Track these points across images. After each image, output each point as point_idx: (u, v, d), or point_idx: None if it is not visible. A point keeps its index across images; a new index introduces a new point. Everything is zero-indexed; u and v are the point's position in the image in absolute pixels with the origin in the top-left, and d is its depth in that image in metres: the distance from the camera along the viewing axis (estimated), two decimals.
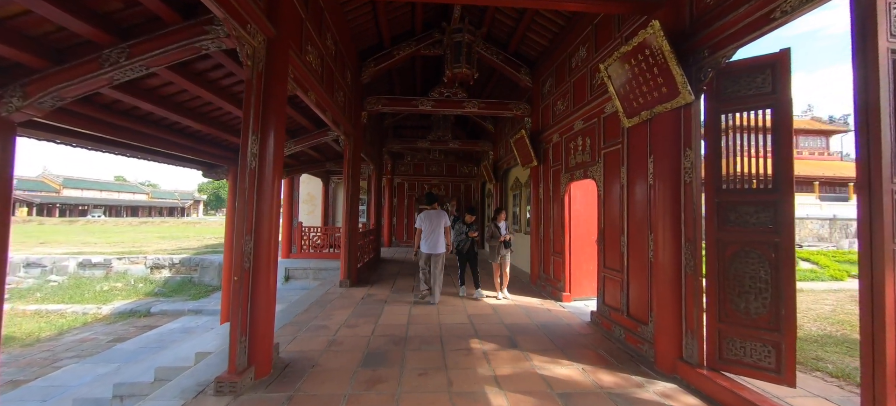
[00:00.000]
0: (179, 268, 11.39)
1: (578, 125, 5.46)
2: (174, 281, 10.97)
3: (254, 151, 2.96)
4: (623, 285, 4.21)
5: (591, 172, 5.04)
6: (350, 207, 6.89)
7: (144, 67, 3.08)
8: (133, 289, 10.30)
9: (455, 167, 14.97)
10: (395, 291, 6.36)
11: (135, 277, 11.02)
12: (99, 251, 12.16)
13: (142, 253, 11.79)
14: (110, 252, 11.90)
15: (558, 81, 6.32)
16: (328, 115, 5.22)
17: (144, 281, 10.93)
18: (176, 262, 11.45)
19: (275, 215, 3.20)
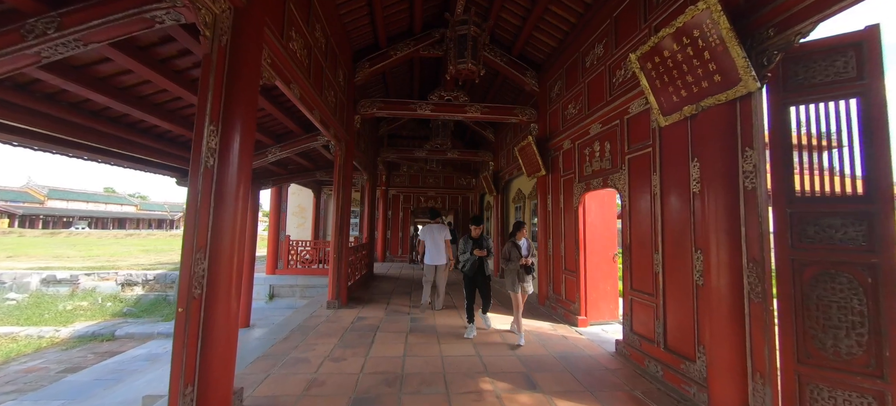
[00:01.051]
0: (153, 285, 10.53)
1: (595, 129, 4.91)
2: (147, 299, 10.09)
3: (211, 147, 2.33)
4: (657, 312, 3.59)
5: (613, 181, 4.47)
6: (340, 220, 6.24)
7: (81, 42, 2.47)
8: (99, 308, 9.42)
9: (453, 179, 14.41)
10: (390, 313, 5.67)
11: (103, 295, 10.14)
12: (67, 266, 11.28)
13: (115, 268, 10.94)
14: (80, 267, 11.03)
15: (569, 84, 5.81)
16: (316, 115, 4.62)
17: (114, 299, 10.05)
18: (150, 278, 10.59)
19: (241, 229, 2.56)
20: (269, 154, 6.41)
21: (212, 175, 2.33)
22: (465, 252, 4.83)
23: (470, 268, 4.80)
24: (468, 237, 4.92)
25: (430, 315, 5.60)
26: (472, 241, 4.86)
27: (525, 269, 4.40)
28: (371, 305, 6.23)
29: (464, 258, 4.85)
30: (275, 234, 10.07)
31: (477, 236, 4.88)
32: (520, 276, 4.40)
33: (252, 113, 2.69)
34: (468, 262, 4.82)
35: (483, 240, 4.88)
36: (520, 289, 4.43)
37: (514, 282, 4.43)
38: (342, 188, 6.27)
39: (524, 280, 4.43)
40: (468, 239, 4.90)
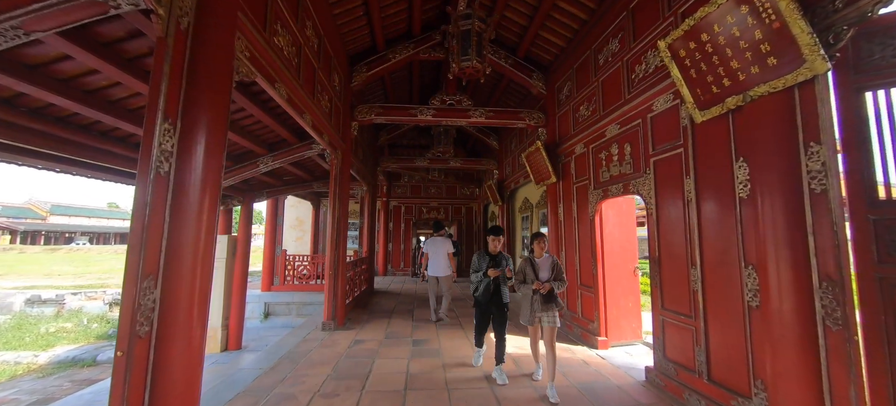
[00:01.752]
0: None
1: (612, 131, 4.49)
2: None
3: (166, 149, 1.92)
4: (697, 336, 3.11)
5: (635, 186, 4.03)
6: (337, 233, 5.80)
7: (22, 32, 2.08)
8: (84, 330, 8.95)
9: (455, 189, 13.99)
10: (390, 337, 5.18)
11: (89, 316, 9.68)
12: (53, 285, 10.84)
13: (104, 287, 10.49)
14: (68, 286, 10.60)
15: (580, 84, 5.42)
16: (307, 120, 4.23)
17: (100, 320, 9.58)
18: None
19: (208, 251, 2.14)
20: (260, 164, 6.02)
21: (166, 183, 1.91)
22: (479, 270, 3.78)
23: (483, 293, 3.72)
24: (484, 252, 3.86)
25: (435, 338, 5.12)
26: (488, 257, 3.80)
27: (542, 298, 3.36)
28: (370, 326, 5.75)
29: (476, 280, 3.78)
30: (271, 249, 9.63)
31: (496, 251, 3.82)
32: (534, 305, 3.41)
33: (222, 111, 2.28)
34: (481, 285, 3.75)
35: (501, 258, 3.78)
36: (535, 319, 3.44)
37: (529, 312, 3.45)
38: (338, 199, 5.85)
39: (541, 311, 3.39)
40: (483, 255, 3.83)
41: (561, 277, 3.48)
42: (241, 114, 4.78)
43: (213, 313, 7.14)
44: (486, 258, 3.81)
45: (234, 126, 5.04)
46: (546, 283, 3.40)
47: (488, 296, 3.73)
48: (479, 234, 13.50)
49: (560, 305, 3.47)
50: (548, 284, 3.39)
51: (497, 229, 3.89)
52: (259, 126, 5.36)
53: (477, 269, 3.80)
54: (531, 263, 3.56)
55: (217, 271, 6.91)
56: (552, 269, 3.50)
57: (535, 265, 3.55)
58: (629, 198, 5.11)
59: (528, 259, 3.62)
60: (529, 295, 3.45)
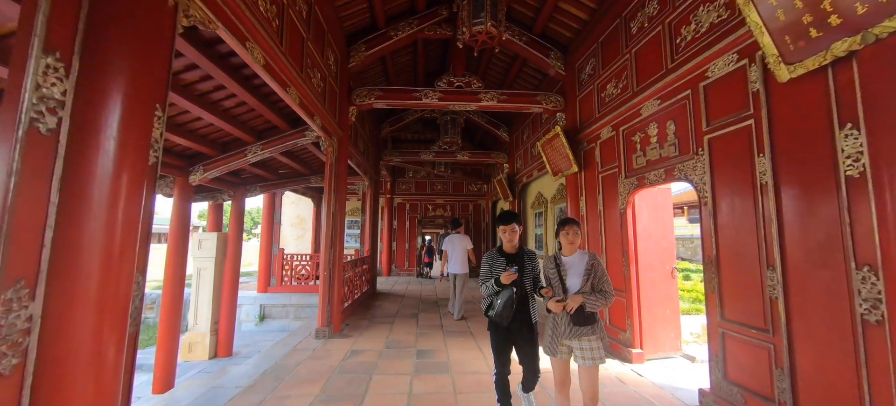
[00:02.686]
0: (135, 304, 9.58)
1: (650, 108, 3.83)
2: None
3: (52, 95, 1.31)
4: (776, 356, 2.45)
5: (682, 171, 3.36)
6: (332, 230, 5.20)
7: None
8: None
9: (462, 185, 13.35)
10: (392, 346, 4.58)
11: None
12: None
13: None
14: None
15: (607, 59, 4.76)
16: (293, 95, 3.63)
17: None
18: None
19: (127, 251, 1.54)
20: (248, 153, 5.45)
21: (53, 147, 1.31)
22: (490, 277, 2.47)
23: (501, 310, 2.33)
24: (495, 252, 2.57)
25: (443, 348, 4.50)
26: (502, 257, 2.51)
27: (573, 319, 2.22)
28: (369, 333, 5.15)
29: (487, 291, 2.46)
30: (267, 248, 9.09)
31: (513, 248, 2.55)
32: (559, 328, 2.29)
33: (156, 57, 1.69)
34: (498, 300, 2.37)
35: (524, 257, 2.51)
36: (562, 354, 2.33)
37: (553, 339, 2.32)
38: (334, 192, 5.26)
39: (569, 337, 2.25)
40: (495, 256, 2.54)
41: (603, 287, 2.28)
42: (222, 93, 4.21)
43: (202, 318, 6.62)
44: (499, 260, 2.50)
45: (216, 109, 4.47)
46: (576, 296, 2.20)
47: (509, 314, 2.34)
48: (487, 232, 12.85)
49: (603, 333, 2.27)
50: (578, 297, 2.19)
51: (509, 215, 2.55)
52: (244, 109, 4.78)
53: (487, 278, 2.48)
54: (556, 265, 2.37)
55: (206, 272, 6.37)
56: (588, 273, 2.28)
57: (561, 267, 2.35)
58: (665, 188, 4.45)
59: (552, 259, 2.43)
60: (558, 318, 2.32)
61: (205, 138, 5.14)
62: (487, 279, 2.49)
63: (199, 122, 4.71)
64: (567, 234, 2.40)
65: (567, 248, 2.43)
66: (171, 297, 5.11)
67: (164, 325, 5.08)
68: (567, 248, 2.43)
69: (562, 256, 2.43)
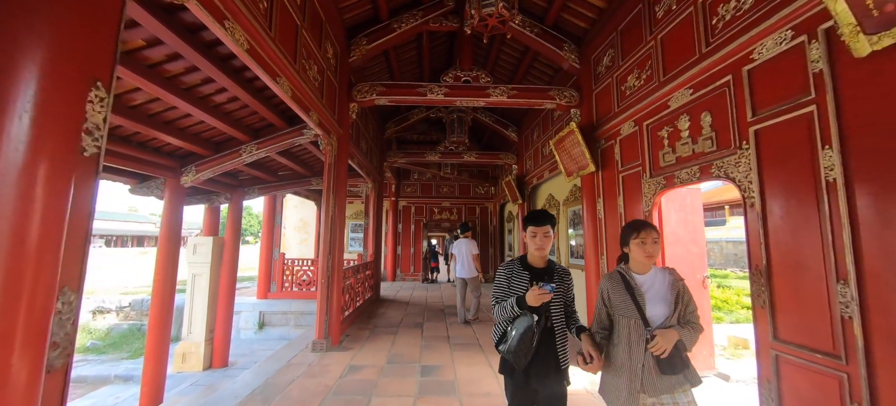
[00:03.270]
0: (129, 312, 9.36)
1: (679, 99, 3.44)
2: (120, 329, 8.91)
3: None
4: (852, 389, 2.03)
5: (722, 168, 2.96)
6: (331, 234, 4.87)
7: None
8: None
9: (469, 187, 12.98)
10: (394, 361, 4.21)
11: None
12: None
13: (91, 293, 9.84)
14: None
15: (627, 49, 4.38)
16: (285, 86, 3.31)
17: (81, 330, 8.92)
18: (125, 305, 9.42)
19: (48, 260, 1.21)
20: (243, 152, 5.15)
21: None
22: (504, 297, 1.84)
23: (516, 345, 1.69)
24: (516, 263, 1.91)
25: (450, 363, 4.12)
26: (526, 271, 1.86)
27: (665, 366, 1.61)
28: (370, 346, 4.79)
29: (502, 315, 1.82)
30: (268, 253, 8.80)
31: (542, 261, 1.90)
32: (640, 380, 1.64)
33: (96, 20, 1.36)
34: (514, 331, 1.72)
35: (555, 272, 1.88)
36: None
37: (631, 397, 1.65)
38: (333, 194, 4.93)
39: (657, 388, 1.62)
40: (515, 267, 1.88)
41: (693, 319, 1.69)
42: (211, 86, 3.90)
43: (196, 326, 6.31)
44: (521, 274, 1.83)
45: (206, 104, 4.17)
46: (669, 332, 1.59)
47: (527, 352, 1.68)
48: (495, 235, 12.46)
49: (696, 379, 1.67)
50: (672, 333, 1.59)
51: (543, 216, 1.84)
52: (237, 105, 4.48)
53: (503, 297, 1.84)
54: (627, 287, 1.70)
55: (201, 278, 6.08)
56: (676, 300, 1.68)
57: (634, 289, 1.69)
58: (694, 188, 4.05)
59: (618, 277, 1.76)
60: (629, 356, 1.66)
61: (196, 137, 4.85)
62: (503, 299, 1.82)
63: (188, 120, 4.42)
64: (644, 243, 1.68)
65: (642, 262, 1.71)
66: (161, 306, 4.81)
67: (153, 335, 4.78)
68: (642, 262, 1.71)
69: (632, 274, 1.73)
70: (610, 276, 1.82)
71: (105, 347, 8.18)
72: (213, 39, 3.20)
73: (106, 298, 9.61)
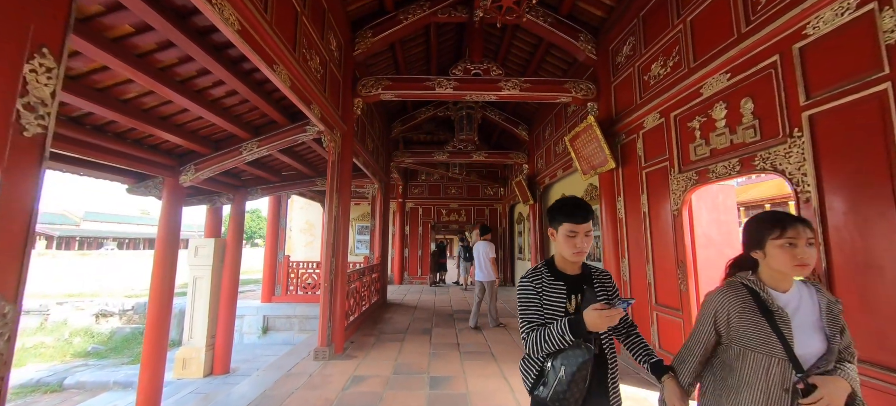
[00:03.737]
0: (131, 315, 9.24)
1: (715, 85, 3.12)
2: (122, 333, 8.78)
3: None
4: None
5: (768, 160, 2.63)
6: (334, 236, 4.63)
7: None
8: (64, 345, 8.15)
9: (478, 188, 12.68)
10: (401, 371, 3.93)
11: (72, 329, 8.93)
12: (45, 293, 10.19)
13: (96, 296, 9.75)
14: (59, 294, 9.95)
15: (651, 36, 4.07)
16: (282, 75, 3.08)
17: (84, 333, 8.80)
18: (128, 308, 9.30)
19: None
20: (244, 150, 4.94)
21: None
22: (536, 319, 1.35)
23: (568, 387, 1.24)
24: (544, 271, 1.43)
25: (460, 373, 3.84)
26: (561, 281, 1.40)
27: None
28: (376, 353, 4.52)
29: (540, 347, 1.30)
30: (272, 255, 8.62)
31: (576, 266, 1.44)
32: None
33: None
34: (557, 368, 1.27)
35: (593, 278, 1.45)
36: None
37: None
38: (337, 193, 4.69)
39: None
40: (546, 277, 1.41)
41: (853, 349, 1.20)
42: (208, 79, 3.69)
43: (197, 331, 6.11)
44: (554, 285, 1.39)
45: (203, 98, 3.96)
46: (839, 381, 1.10)
47: (580, 396, 1.27)
48: (505, 238, 12.13)
49: None
50: (842, 383, 1.10)
51: (581, 209, 1.38)
52: (236, 100, 4.26)
53: (536, 317, 1.36)
54: (762, 307, 1.17)
55: (202, 281, 5.88)
56: (839, 330, 1.17)
57: (774, 313, 1.16)
58: (727, 185, 3.71)
59: (747, 292, 1.21)
60: None
61: (195, 134, 4.65)
62: (536, 320, 1.34)
63: (186, 115, 4.22)
64: (794, 245, 1.15)
65: (786, 274, 1.19)
66: (158, 310, 4.61)
67: (150, 340, 4.57)
68: (786, 274, 1.19)
69: (769, 290, 1.20)
70: (730, 289, 1.24)
71: (107, 352, 8.05)
72: (206, 26, 2.99)
73: (109, 301, 9.52)
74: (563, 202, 1.44)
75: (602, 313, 1.21)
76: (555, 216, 1.43)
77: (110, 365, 7.17)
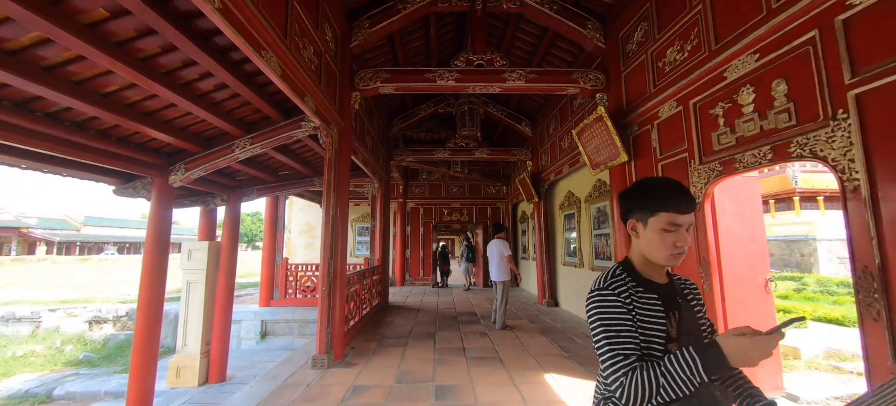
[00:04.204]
0: (125, 322, 8.98)
1: (742, 67, 2.88)
2: (116, 340, 8.53)
3: None
4: None
5: (806, 146, 2.39)
6: (333, 236, 4.39)
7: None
8: (56, 353, 7.91)
9: (480, 187, 12.45)
10: (404, 380, 3.70)
11: (65, 336, 8.68)
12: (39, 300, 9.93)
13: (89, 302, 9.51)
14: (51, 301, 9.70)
15: (665, 19, 3.84)
16: (272, 62, 2.84)
17: (76, 341, 8.55)
18: (122, 314, 9.05)
19: None
20: (236, 148, 4.71)
21: None
22: (630, 348, 0.94)
23: None
24: (622, 283, 1.03)
25: (467, 381, 3.60)
26: (654, 294, 1.03)
27: None
28: (377, 360, 4.29)
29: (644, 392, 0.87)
30: (270, 257, 8.38)
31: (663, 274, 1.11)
32: None
33: None
34: None
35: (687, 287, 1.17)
36: None
37: None
38: (334, 192, 4.45)
39: None
40: (631, 289, 1.02)
41: None
42: (194, 70, 3.46)
43: (191, 338, 5.86)
44: (645, 299, 1.02)
45: (190, 92, 3.73)
46: None
47: None
48: (508, 237, 11.88)
49: None
50: None
51: (683, 195, 1.03)
52: (226, 94, 4.03)
53: (628, 348, 0.94)
54: None
55: (196, 285, 5.65)
56: None
57: None
58: (750, 177, 3.48)
59: None
60: None
61: (184, 131, 4.42)
62: (634, 351, 0.94)
63: (173, 110, 3.99)
64: None
65: None
66: (147, 317, 4.37)
67: (139, 348, 4.34)
68: None
69: None
70: None
71: (99, 360, 7.80)
72: (189, 10, 2.76)
73: (103, 307, 9.28)
74: (658, 184, 1.06)
75: (757, 342, 0.83)
76: (644, 203, 1.06)
77: (102, 374, 6.93)
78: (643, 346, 0.96)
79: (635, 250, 1.11)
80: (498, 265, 5.70)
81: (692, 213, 1.04)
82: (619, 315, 0.97)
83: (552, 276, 8.07)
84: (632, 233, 1.11)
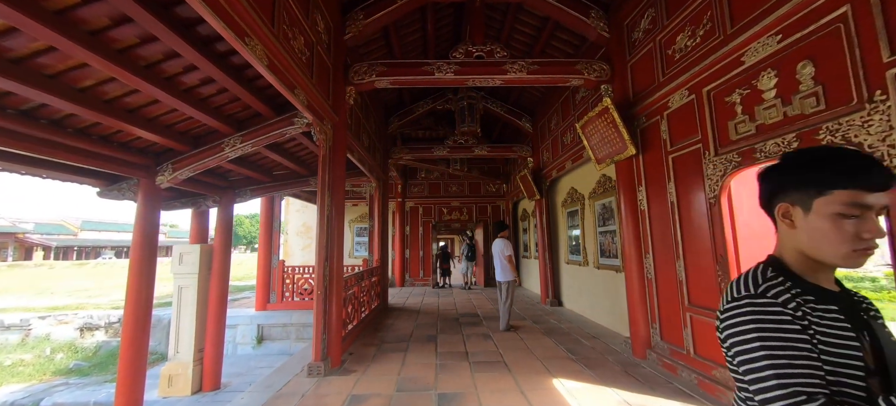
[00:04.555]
0: (118, 328, 8.78)
1: (761, 50, 2.69)
2: (108, 347, 8.30)
3: None
4: None
5: (838, 132, 2.21)
6: (328, 236, 4.20)
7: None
8: (45, 362, 7.67)
9: (480, 185, 12.25)
10: (405, 388, 3.50)
11: (55, 344, 8.45)
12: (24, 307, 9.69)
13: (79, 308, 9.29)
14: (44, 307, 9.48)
15: (674, 5, 3.66)
16: (259, 51, 2.64)
17: (67, 348, 8.32)
18: (113, 320, 8.83)
19: None
20: (226, 146, 4.50)
21: None
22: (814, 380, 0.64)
23: None
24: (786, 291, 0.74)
25: (472, 390, 3.40)
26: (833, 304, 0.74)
27: None
28: (376, 367, 4.09)
29: None
30: (266, 260, 8.18)
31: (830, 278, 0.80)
32: None
33: None
34: None
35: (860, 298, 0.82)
36: None
37: None
38: (329, 191, 4.26)
39: None
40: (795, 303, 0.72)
41: None
42: (177, 63, 3.25)
43: (184, 345, 5.65)
44: (825, 314, 0.72)
45: (176, 87, 3.52)
46: None
47: None
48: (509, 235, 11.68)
49: None
50: None
51: (875, 165, 0.71)
52: (214, 89, 3.82)
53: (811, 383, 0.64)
54: None
55: (188, 290, 5.45)
56: None
57: None
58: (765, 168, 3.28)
59: None
60: None
61: (170, 129, 4.21)
62: (820, 387, 0.64)
63: (157, 107, 3.78)
64: None
65: None
66: (134, 324, 4.18)
67: (126, 358, 4.14)
68: None
69: None
70: None
71: (90, 369, 7.56)
72: None
73: (94, 314, 9.06)
74: (828, 152, 0.76)
75: None
76: (805, 177, 0.76)
77: (92, 383, 6.71)
78: (830, 382, 0.66)
79: (788, 246, 0.81)
80: (501, 265, 5.55)
81: (888, 190, 0.71)
82: (792, 334, 0.67)
83: (555, 275, 7.88)
84: (783, 221, 0.81)
